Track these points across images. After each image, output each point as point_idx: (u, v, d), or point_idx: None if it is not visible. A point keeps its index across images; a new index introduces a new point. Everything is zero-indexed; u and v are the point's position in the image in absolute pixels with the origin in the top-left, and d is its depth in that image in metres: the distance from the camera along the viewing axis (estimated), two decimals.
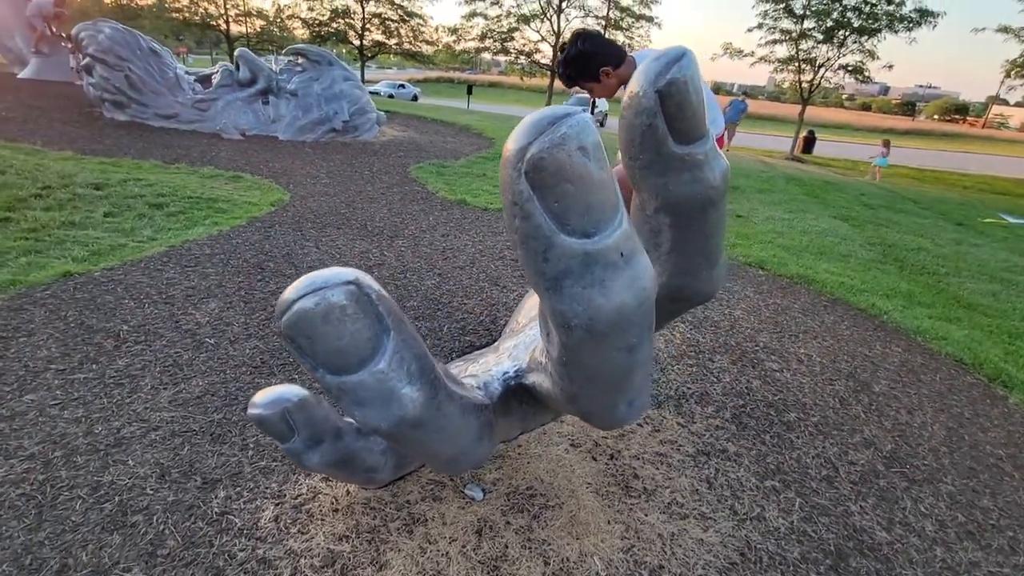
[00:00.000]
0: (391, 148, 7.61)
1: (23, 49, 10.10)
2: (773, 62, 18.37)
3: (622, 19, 21.38)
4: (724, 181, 1.18)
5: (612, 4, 20.96)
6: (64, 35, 9.78)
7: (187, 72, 7.88)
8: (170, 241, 3.30)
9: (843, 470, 1.97)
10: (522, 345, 1.55)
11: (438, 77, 51.23)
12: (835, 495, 1.83)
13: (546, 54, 21.92)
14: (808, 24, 16.88)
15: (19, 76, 9.76)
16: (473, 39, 21.53)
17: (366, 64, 25.96)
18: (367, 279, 1.02)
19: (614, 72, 2.15)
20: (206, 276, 2.92)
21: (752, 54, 18.61)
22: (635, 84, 1.05)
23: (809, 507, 1.76)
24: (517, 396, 1.53)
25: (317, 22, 23.88)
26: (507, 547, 1.46)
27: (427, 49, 25.14)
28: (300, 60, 8.05)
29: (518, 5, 20.41)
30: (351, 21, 23.62)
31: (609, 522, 1.59)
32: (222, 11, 24.68)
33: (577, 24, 21.60)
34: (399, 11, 24.24)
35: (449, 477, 1.68)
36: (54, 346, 2.13)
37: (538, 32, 21.07)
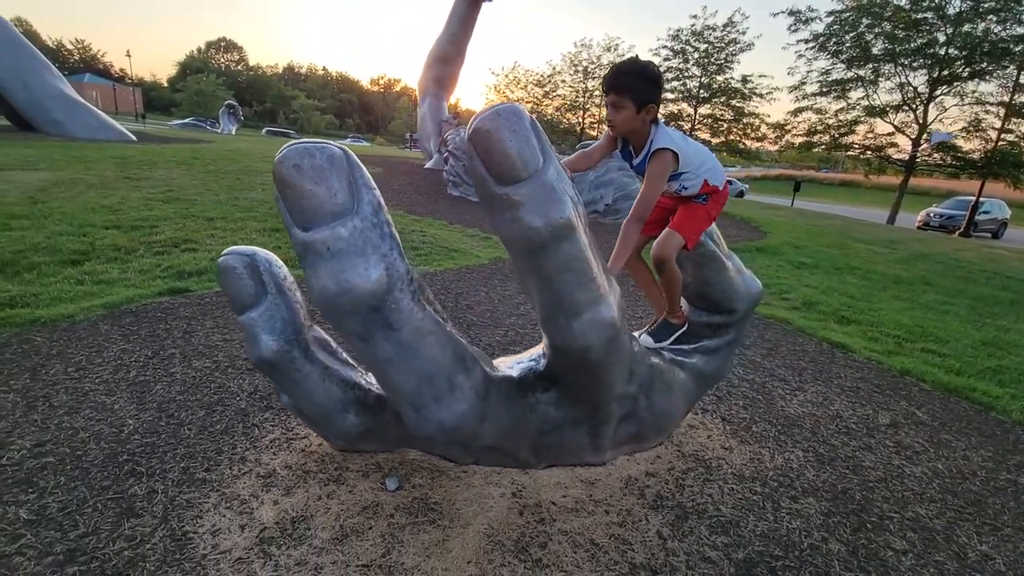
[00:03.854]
0: None
1: (432, 149, 14.90)
2: None
3: None
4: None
5: (1018, 87, 16.28)
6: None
7: None
8: None
9: None
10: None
11: (778, 175, 48.70)
12: None
13: (904, 148, 18.49)
14: None
15: (425, 167, 14.39)
16: (800, 135, 19.95)
17: None
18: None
19: (648, 113, 1.76)
20: None
21: None
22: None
23: None
24: None
25: None
26: (371, 528, 1.65)
27: (752, 146, 24.65)
28: None
29: (867, 96, 17.94)
30: (680, 123, 25.36)
31: (469, 562, 1.57)
32: (579, 120, 30.74)
33: (954, 113, 17.54)
34: (732, 111, 24.75)
35: (389, 467, 1.95)
36: None
37: (892, 124, 17.98)
